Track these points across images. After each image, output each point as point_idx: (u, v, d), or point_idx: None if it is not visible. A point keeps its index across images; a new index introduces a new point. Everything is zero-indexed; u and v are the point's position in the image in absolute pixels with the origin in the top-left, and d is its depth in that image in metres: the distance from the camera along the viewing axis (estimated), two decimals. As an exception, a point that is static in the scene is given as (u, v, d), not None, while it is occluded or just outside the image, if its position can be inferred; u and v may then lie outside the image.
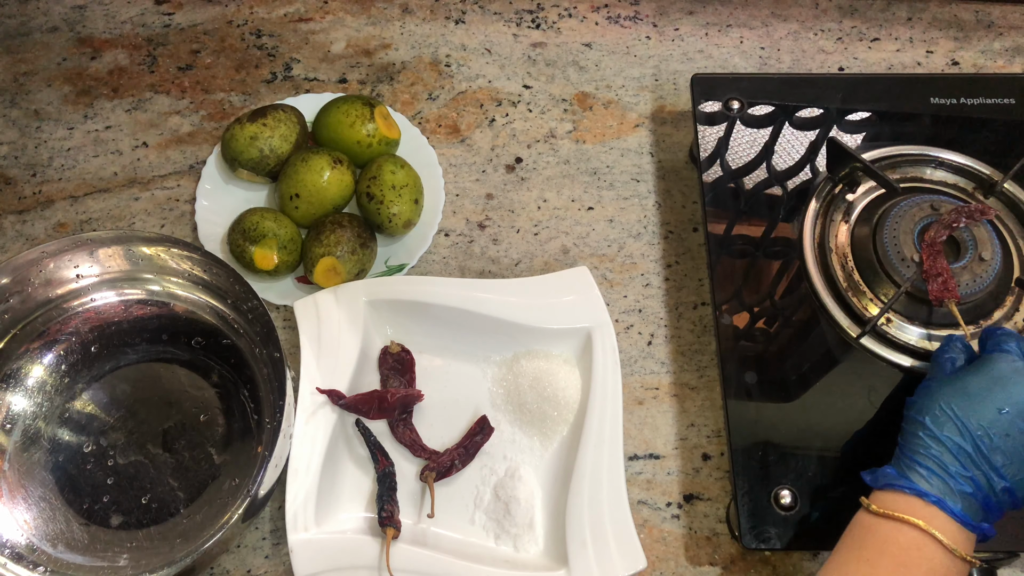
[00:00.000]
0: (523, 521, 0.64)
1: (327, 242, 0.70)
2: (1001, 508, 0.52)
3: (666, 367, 0.72)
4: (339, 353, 0.67)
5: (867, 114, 0.76)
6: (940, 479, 0.51)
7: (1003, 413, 0.51)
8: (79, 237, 0.68)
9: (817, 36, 0.89)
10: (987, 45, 0.88)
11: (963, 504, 0.50)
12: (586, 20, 0.90)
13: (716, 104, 0.77)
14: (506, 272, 0.76)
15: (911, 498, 0.51)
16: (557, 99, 0.85)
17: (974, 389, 0.53)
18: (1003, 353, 0.54)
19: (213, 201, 0.77)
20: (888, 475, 0.52)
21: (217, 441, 0.67)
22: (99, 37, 0.88)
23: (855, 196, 0.72)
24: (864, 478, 0.54)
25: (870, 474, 0.54)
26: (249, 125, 0.74)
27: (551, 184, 0.80)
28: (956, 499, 0.50)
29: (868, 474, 0.54)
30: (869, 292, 0.67)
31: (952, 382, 0.54)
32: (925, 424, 0.52)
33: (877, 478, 0.53)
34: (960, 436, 0.51)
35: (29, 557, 0.62)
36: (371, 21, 0.89)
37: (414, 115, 0.84)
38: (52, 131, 0.83)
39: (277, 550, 0.65)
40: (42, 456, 0.66)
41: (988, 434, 0.51)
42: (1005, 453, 0.51)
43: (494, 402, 0.69)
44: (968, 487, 0.50)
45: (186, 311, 0.71)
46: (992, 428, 0.51)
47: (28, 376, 0.68)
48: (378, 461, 0.66)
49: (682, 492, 0.68)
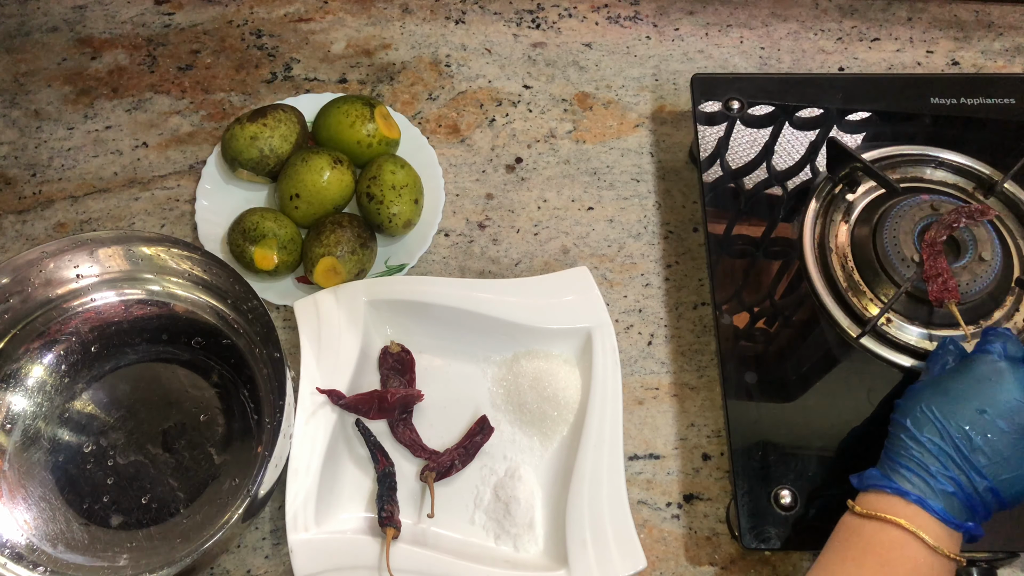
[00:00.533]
0: (523, 521, 0.64)
1: (327, 242, 0.70)
2: (987, 508, 0.52)
3: (666, 367, 0.72)
4: (339, 353, 0.67)
5: (867, 114, 0.76)
6: (922, 479, 0.51)
7: (983, 414, 0.51)
8: (79, 237, 0.68)
9: (817, 36, 0.89)
10: (987, 45, 0.88)
11: (945, 503, 0.50)
12: (586, 20, 0.90)
13: (716, 104, 0.77)
14: (506, 272, 0.76)
15: (893, 498, 0.51)
16: (557, 99, 0.85)
17: (955, 390, 0.53)
18: (985, 354, 0.54)
19: (213, 201, 0.77)
20: (872, 476, 0.53)
21: (217, 441, 0.67)
22: (99, 37, 0.88)
23: (855, 196, 0.72)
24: (851, 480, 0.55)
25: (856, 476, 0.54)
26: (249, 125, 0.74)
27: (551, 184, 0.80)
28: (938, 498, 0.50)
29: (855, 477, 0.55)
30: (869, 292, 0.67)
31: (934, 384, 0.55)
32: (906, 426, 0.53)
33: (862, 480, 0.54)
34: (940, 438, 0.52)
35: (29, 557, 0.62)
36: (371, 21, 0.89)
37: (414, 115, 0.84)
38: (52, 131, 0.83)
39: (277, 550, 0.65)
40: (42, 456, 0.66)
41: (968, 435, 0.51)
42: (987, 454, 0.51)
43: (494, 402, 0.69)
44: (950, 487, 0.51)
45: (186, 311, 0.71)
46: (973, 429, 0.51)
47: (28, 376, 0.68)
48: (378, 461, 0.66)
49: (682, 492, 0.68)
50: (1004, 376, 0.53)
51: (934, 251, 0.63)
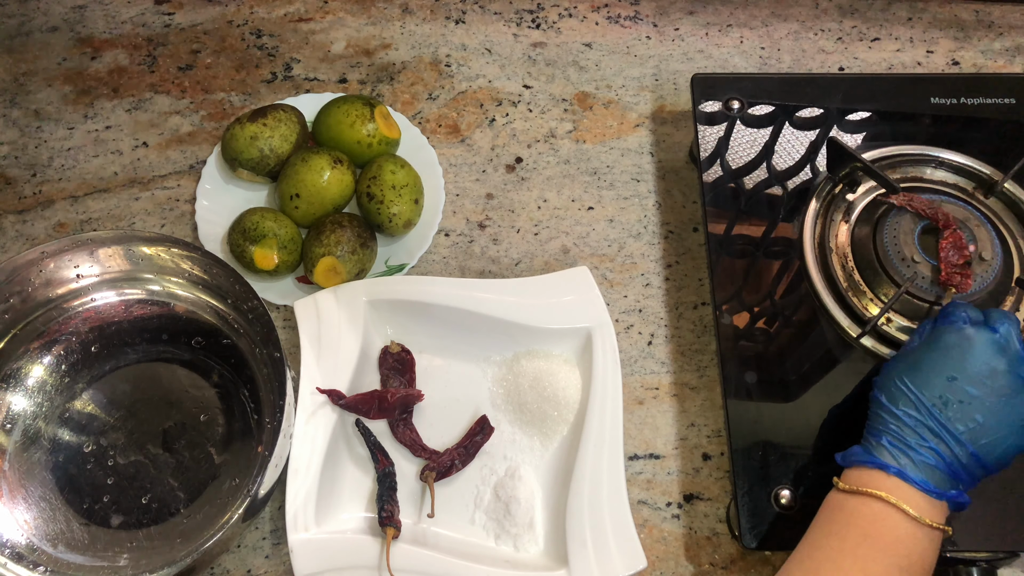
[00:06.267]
0: (523, 521, 0.64)
1: (327, 242, 0.70)
2: (971, 475, 0.52)
3: (666, 367, 0.72)
4: (339, 353, 0.67)
5: (867, 114, 0.76)
6: (902, 452, 0.52)
7: (953, 381, 0.52)
8: (79, 237, 0.68)
9: (817, 36, 0.89)
10: (987, 45, 0.88)
11: (926, 474, 0.51)
12: (586, 20, 0.90)
13: (716, 104, 0.77)
14: (506, 272, 0.76)
15: (874, 472, 0.52)
16: (557, 99, 0.85)
17: (925, 361, 0.54)
18: (950, 323, 0.55)
19: (213, 201, 0.77)
20: (855, 452, 0.54)
21: (217, 441, 0.67)
22: (99, 37, 0.88)
23: (855, 196, 0.72)
24: (836, 458, 0.55)
25: (840, 454, 0.55)
26: (249, 125, 0.74)
27: (551, 184, 0.80)
28: (918, 470, 0.51)
29: (839, 455, 0.56)
30: (869, 292, 0.67)
31: (905, 357, 0.56)
32: (882, 401, 0.54)
33: (846, 457, 0.55)
34: (915, 409, 0.53)
35: (29, 557, 0.62)
36: (371, 21, 0.89)
37: (414, 115, 0.84)
38: (52, 131, 0.83)
39: (277, 550, 0.65)
40: (42, 456, 0.66)
41: (942, 404, 0.52)
42: (963, 420, 0.52)
43: (494, 402, 0.69)
44: (930, 458, 0.52)
45: (186, 311, 0.71)
46: (945, 398, 0.52)
47: (28, 376, 0.68)
48: (378, 461, 0.66)
49: (682, 492, 0.68)
50: (969, 342, 0.53)
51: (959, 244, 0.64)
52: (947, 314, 0.56)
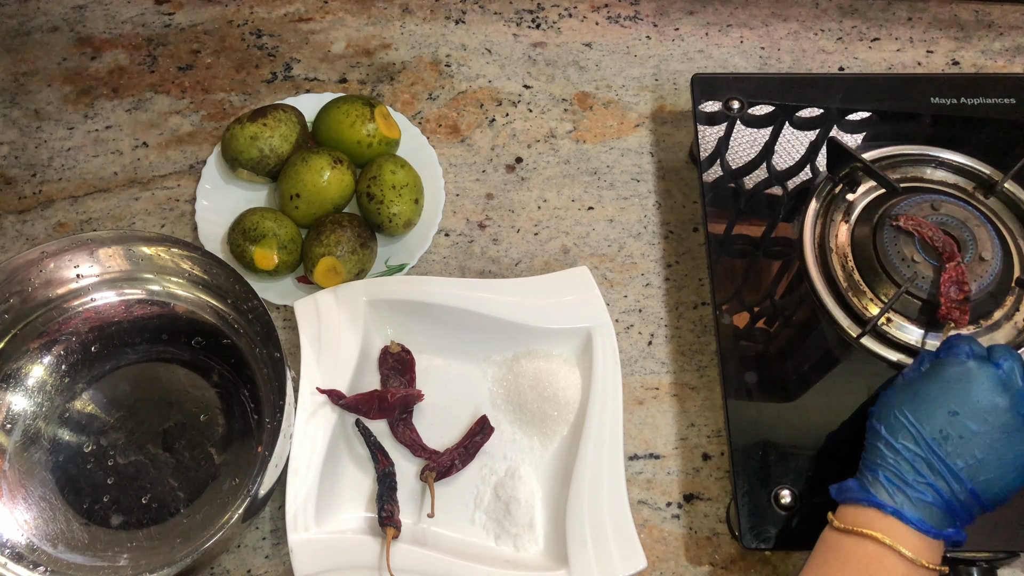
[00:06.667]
0: (523, 521, 0.64)
1: (327, 242, 0.70)
2: (969, 512, 0.51)
3: (666, 367, 0.72)
4: (339, 353, 0.67)
5: (867, 114, 0.76)
6: (899, 489, 0.51)
7: (955, 416, 0.51)
8: (79, 237, 0.68)
9: (817, 36, 0.89)
10: (987, 45, 0.88)
11: (923, 513, 0.50)
12: (586, 20, 0.90)
13: (716, 104, 0.77)
14: (506, 272, 0.76)
15: (870, 511, 0.51)
16: (557, 99, 0.85)
17: (926, 394, 0.53)
18: (952, 357, 0.54)
19: (213, 201, 0.77)
20: (850, 488, 0.53)
21: (217, 441, 0.67)
22: (99, 37, 0.88)
23: (855, 196, 0.72)
24: (830, 491, 0.54)
25: (835, 487, 0.54)
26: (249, 125, 0.74)
27: (551, 184, 0.80)
28: (915, 508, 0.50)
29: (834, 487, 0.54)
30: (869, 292, 0.67)
31: (905, 388, 0.54)
32: (881, 433, 0.53)
33: (841, 492, 0.53)
34: (915, 443, 0.51)
35: (29, 557, 0.62)
36: (371, 21, 0.89)
37: (414, 115, 0.84)
38: (52, 131, 0.83)
39: (277, 550, 0.65)
40: (42, 456, 0.66)
41: (943, 439, 0.51)
42: (962, 456, 0.51)
43: (494, 402, 0.69)
44: (928, 495, 0.50)
45: (186, 311, 0.71)
46: (946, 432, 0.51)
47: (28, 376, 0.68)
48: (378, 461, 0.66)
49: (682, 492, 0.68)
50: (972, 376, 0.52)
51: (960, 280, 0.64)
52: (950, 346, 0.55)
